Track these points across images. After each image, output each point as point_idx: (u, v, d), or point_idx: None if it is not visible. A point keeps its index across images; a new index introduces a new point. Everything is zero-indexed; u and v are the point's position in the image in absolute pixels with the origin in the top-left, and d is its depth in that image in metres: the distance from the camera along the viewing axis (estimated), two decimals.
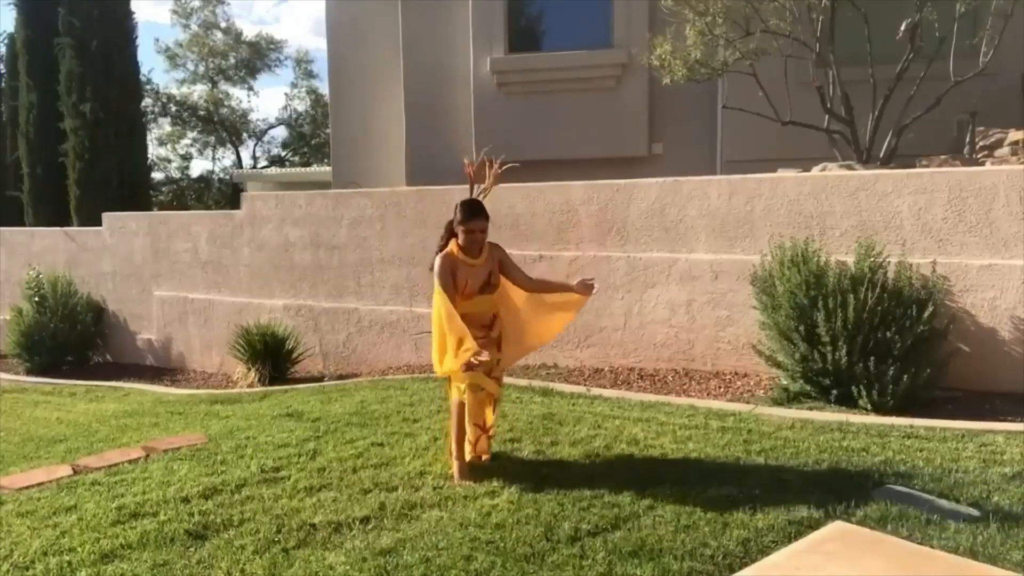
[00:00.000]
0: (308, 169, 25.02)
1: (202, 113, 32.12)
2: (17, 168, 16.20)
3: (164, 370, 9.68)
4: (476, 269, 4.02)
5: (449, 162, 11.02)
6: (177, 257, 9.73)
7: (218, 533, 3.43)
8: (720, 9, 7.63)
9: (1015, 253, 5.42)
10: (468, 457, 4.08)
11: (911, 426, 4.58)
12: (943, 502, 3.43)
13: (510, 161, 4.34)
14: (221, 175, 31.27)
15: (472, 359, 3.66)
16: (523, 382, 6.20)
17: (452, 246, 4.04)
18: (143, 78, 21.82)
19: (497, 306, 4.17)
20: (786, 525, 3.23)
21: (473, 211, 4.01)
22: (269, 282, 8.93)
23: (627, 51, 10.12)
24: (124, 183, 14.53)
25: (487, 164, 4.28)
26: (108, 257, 10.46)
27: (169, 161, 31.93)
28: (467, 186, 4.32)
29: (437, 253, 4.05)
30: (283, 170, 26.97)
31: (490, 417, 4.19)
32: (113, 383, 8.98)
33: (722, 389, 5.98)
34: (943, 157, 7.30)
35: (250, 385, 7.92)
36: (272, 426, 5.39)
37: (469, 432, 4.06)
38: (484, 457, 4.18)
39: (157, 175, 28.93)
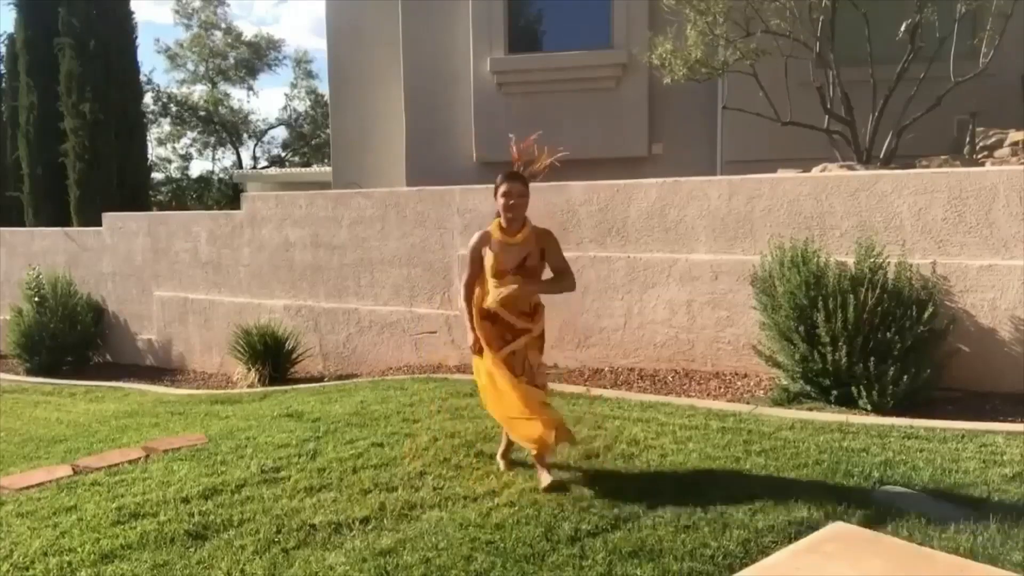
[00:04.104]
0: (308, 169, 25.01)
1: (202, 113, 32.13)
2: (17, 168, 16.18)
3: (164, 370, 9.67)
4: (512, 247, 3.84)
5: (449, 162, 11.09)
6: (177, 257, 9.73)
7: (218, 533, 3.43)
8: (721, 9, 7.64)
9: (1015, 253, 5.42)
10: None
11: (911, 426, 4.58)
12: (943, 503, 3.43)
13: (508, 160, 4.33)
14: (221, 175, 31.29)
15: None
16: None
17: (492, 225, 3.92)
18: (143, 78, 21.82)
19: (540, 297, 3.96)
20: (786, 525, 3.23)
21: (508, 175, 3.89)
22: (269, 282, 8.93)
23: (627, 51, 10.11)
24: (124, 183, 14.53)
25: (534, 148, 4.11)
26: (108, 257, 10.46)
27: (169, 161, 31.96)
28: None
29: None
30: (283, 170, 26.96)
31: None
32: (113, 383, 8.98)
33: (722, 389, 5.98)
34: (943, 157, 7.30)
35: (250, 385, 7.92)
36: (272, 426, 5.39)
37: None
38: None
39: (157, 175, 28.96)
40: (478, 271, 3.91)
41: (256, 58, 32.65)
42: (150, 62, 74.63)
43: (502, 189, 3.85)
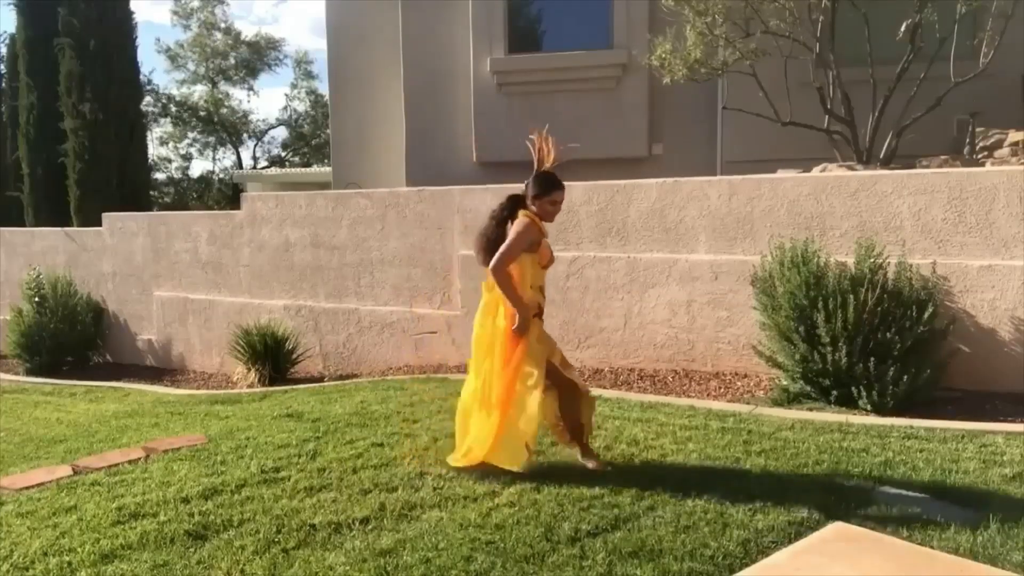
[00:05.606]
0: (308, 170, 25.03)
1: (202, 114, 32.12)
2: (17, 168, 16.20)
3: (164, 370, 9.68)
4: (547, 240, 4.11)
5: (449, 162, 11.09)
6: (177, 257, 9.73)
7: (218, 533, 3.43)
8: (720, 9, 7.64)
9: (1015, 254, 5.42)
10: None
11: (911, 427, 4.59)
12: (943, 503, 3.43)
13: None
14: (221, 175, 31.29)
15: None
16: None
17: (532, 219, 3.95)
18: (144, 78, 21.82)
19: None
20: (786, 525, 3.24)
21: (560, 182, 4.03)
22: (269, 282, 8.93)
23: (627, 51, 10.11)
24: (124, 183, 14.55)
25: (547, 140, 4.17)
26: (108, 257, 10.46)
27: (170, 161, 31.96)
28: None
29: (491, 230, 4.00)
30: (283, 170, 26.97)
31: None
32: (113, 383, 8.98)
33: (722, 390, 5.98)
34: (943, 158, 7.30)
35: (250, 385, 7.92)
36: (272, 426, 5.39)
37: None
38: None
39: (158, 175, 28.95)
40: (524, 258, 3.91)
41: (256, 58, 32.63)
42: (150, 62, 74.84)
43: (557, 196, 4.00)
